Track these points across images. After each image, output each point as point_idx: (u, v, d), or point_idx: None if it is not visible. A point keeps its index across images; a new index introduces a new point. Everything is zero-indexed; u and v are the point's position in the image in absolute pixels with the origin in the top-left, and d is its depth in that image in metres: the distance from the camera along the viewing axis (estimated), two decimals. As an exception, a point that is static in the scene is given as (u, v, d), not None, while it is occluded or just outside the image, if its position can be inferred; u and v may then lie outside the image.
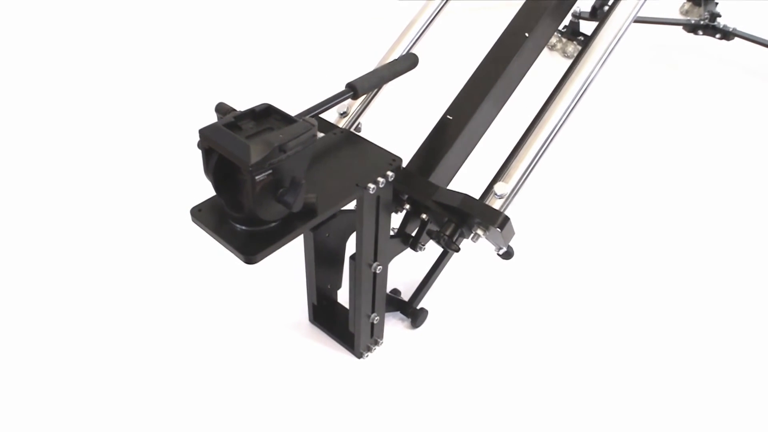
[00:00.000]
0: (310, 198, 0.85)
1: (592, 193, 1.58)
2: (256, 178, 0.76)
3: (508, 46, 1.18)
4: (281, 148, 0.77)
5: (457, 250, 1.05)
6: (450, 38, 2.10)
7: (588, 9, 2.02)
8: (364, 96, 1.18)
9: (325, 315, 1.20)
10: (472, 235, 1.02)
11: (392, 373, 1.14)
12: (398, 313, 1.22)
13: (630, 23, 1.10)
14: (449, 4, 1.28)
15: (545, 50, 2.11)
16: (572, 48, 2.05)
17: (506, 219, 0.98)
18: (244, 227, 0.83)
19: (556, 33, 2.08)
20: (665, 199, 1.56)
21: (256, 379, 1.12)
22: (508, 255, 1.07)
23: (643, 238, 1.45)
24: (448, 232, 1.04)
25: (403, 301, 1.22)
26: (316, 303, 1.17)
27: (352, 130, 1.16)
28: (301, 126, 0.80)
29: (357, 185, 0.91)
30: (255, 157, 0.75)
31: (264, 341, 1.18)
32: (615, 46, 1.09)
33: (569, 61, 2.00)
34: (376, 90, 1.19)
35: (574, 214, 1.51)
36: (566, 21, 2.07)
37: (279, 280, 1.28)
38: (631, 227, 1.48)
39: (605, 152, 1.70)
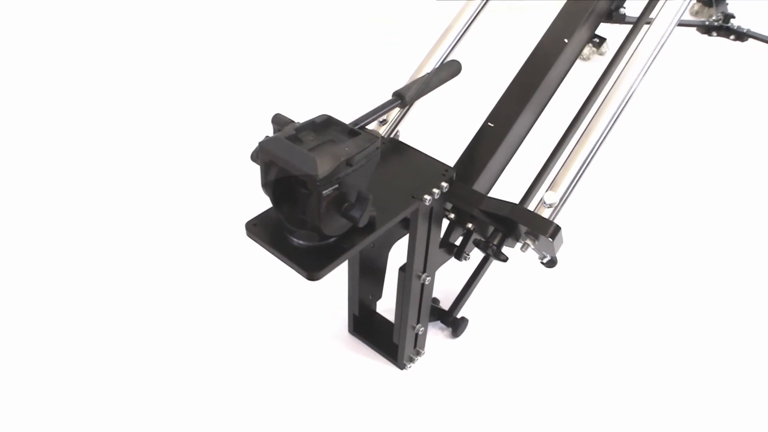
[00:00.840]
0: (370, 212, 0.83)
1: (635, 199, 1.56)
2: (323, 193, 0.74)
3: (548, 53, 1.17)
4: (348, 162, 0.75)
5: (505, 259, 1.04)
6: (484, 41, 2.09)
7: (603, 11, 2.02)
8: (404, 108, 1.17)
9: (366, 326, 1.19)
10: (521, 245, 1.01)
11: (436, 384, 1.13)
12: (438, 322, 1.21)
13: (674, 27, 1.09)
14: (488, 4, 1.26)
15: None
16: (588, 50, 2.04)
17: (558, 228, 0.97)
18: (302, 242, 0.81)
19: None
20: (697, 203, 1.55)
21: (301, 393, 1.10)
22: (552, 263, 1.06)
23: (687, 244, 1.43)
24: (495, 242, 1.03)
25: (443, 310, 1.21)
26: (357, 314, 1.16)
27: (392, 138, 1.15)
28: (366, 138, 0.79)
29: (413, 197, 0.89)
30: (323, 171, 0.73)
31: (304, 353, 1.17)
32: (660, 50, 1.08)
33: (588, 64, 2.05)
34: (412, 99, 1.18)
35: (618, 221, 1.49)
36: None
37: (314, 291, 1.26)
38: (673, 234, 1.46)
39: (634, 157, 1.69)
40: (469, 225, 1.06)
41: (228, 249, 1.36)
